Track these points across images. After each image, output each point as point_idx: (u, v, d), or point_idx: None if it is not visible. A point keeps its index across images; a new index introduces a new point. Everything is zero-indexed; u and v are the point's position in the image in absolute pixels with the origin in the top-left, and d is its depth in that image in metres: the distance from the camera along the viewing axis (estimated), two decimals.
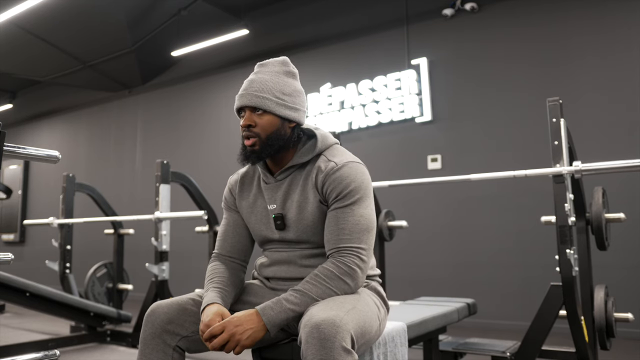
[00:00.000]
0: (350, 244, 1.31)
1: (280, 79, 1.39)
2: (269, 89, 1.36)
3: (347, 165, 1.36)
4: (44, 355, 1.24)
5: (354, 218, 1.32)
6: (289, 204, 1.41)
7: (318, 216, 1.38)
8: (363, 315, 1.27)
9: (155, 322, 1.34)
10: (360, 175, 1.37)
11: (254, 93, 1.36)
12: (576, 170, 2.29)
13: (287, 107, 1.38)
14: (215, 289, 1.39)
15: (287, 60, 1.45)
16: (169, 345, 1.34)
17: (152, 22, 6.15)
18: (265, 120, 1.36)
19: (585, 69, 4.23)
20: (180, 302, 1.39)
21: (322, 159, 1.40)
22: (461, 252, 4.61)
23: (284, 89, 1.38)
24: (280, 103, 1.37)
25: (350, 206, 1.33)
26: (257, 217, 1.47)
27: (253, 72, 1.43)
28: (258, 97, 1.35)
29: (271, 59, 1.45)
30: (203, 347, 1.39)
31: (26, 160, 8.08)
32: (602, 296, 2.45)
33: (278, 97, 1.37)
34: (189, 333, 1.36)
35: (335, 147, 1.45)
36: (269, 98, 1.36)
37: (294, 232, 1.41)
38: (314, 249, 1.42)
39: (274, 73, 1.40)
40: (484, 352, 2.51)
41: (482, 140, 4.63)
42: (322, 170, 1.37)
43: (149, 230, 3.66)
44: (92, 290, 4.40)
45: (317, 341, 1.12)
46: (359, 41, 5.47)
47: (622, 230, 3.40)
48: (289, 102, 1.39)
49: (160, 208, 3.54)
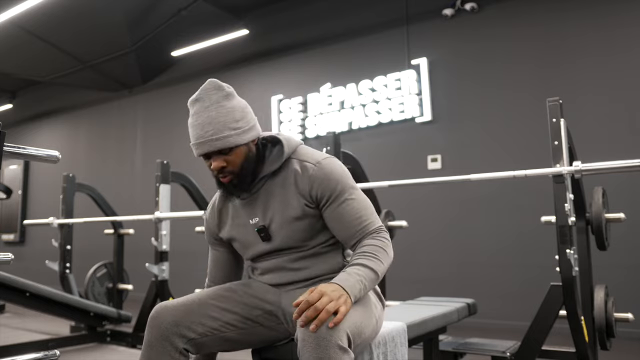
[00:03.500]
0: (372, 227, 1.35)
1: (224, 109, 1.33)
2: (223, 126, 1.31)
3: (324, 162, 1.38)
4: (44, 355, 1.24)
5: (359, 205, 1.36)
6: (271, 214, 1.40)
7: (303, 219, 1.38)
8: (360, 314, 1.26)
9: (162, 325, 1.32)
10: (339, 168, 1.40)
11: (213, 138, 1.30)
12: (576, 170, 2.29)
13: (245, 132, 1.35)
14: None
15: (217, 82, 1.37)
16: (176, 349, 1.32)
17: (152, 22, 6.15)
18: (234, 155, 1.34)
19: (585, 69, 4.23)
20: (186, 303, 1.38)
21: (294, 162, 1.40)
22: (461, 252, 4.61)
23: (234, 116, 1.33)
24: (239, 133, 1.33)
25: (347, 200, 1.36)
26: (242, 236, 1.46)
27: (193, 112, 1.35)
28: (219, 140, 1.30)
29: (202, 91, 1.36)
30: (208, 349, 1.39)
31: (26, 160, 8.09)
32: (602, 296, 2.45)
33: (235, 128, 1.33)
34: (196, 335, 1.34)
35: (301, 148, 1.45)
36: (229, 135, 1.31)
37: (281, 240, 1.40)
38: (302, 251, 1.41)
39: (216, 105, 1.33)
40: (484, 352, 2.51)
41: (482, 140, 4.63)
42: (301, 173, 1.37)
43: (149, 230, 3.66)
44: (92, 290, 4.40)
45: (313, 340, 1.12)
46: (359, 41, 5.47)
47: (622, 230, 3.40)
48: (244, 125, 1.35)
49: (160, 208, 3.54)
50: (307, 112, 5.67)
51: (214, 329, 1.36)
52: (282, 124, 5.85)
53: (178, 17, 5.84)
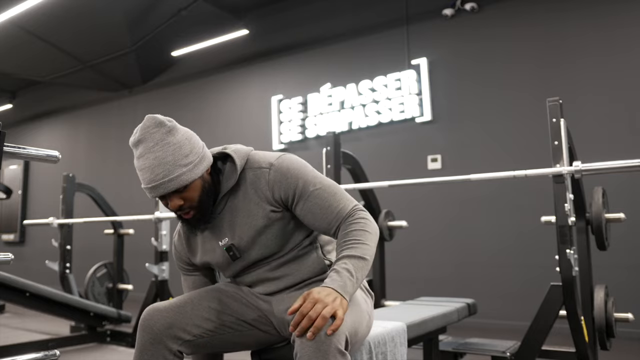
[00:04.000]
0: (346, 211, 1.30)
1: (171, 147, 1.25)
2: (173, 165, 1.24)
3: (277, 162, 1.33)
4: (44, 355, 1.24)
5: (325, 193, 1.31)
6: (239, 231, 1.35)
7: (272, 226, 1.34)
8: (354, 314, 1.26)
9: (154, 327, 1.30)
10: (295, 162, 1.35)
11: (165, 180, 1.24)
12: (576, 170, 2.29)
13: (197, 165, 1.28)
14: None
15: (156, 118, 1.29)
16: (170, 351, 1.30)
17: (152, 22, 6.15)
18: (190, 190, 1.29)
19: (585, 69, 4.23)
20: (179, 304, 1.35)
21: (248, 172, 1.35)
22: (461, 252, 4.61)
23: (182, 152, 1.26)
24: (191, 168, 1.27)
25: (313, 192, 1.31)
26: (215, 260, 1.41)
27: (139, 155, 1.27)
28: (172, 181, 1.24)
29: (143, 130, 1.28)
30: (203, 350, 1.38)
31: (26, 160, 8.08)
32: (602, 296, 2.45)
33: (186, 165, 1.26)
34: (191, 337, 1.32)
35: (252, 155, 1.39)
36: (181, 173, 1.25)
37: (254, 254, 1.37)
38: (279, 258, 1.38)
39: (161, 144, 1.25)
40: (484, 352, 2.51)
41: (482, 140, 4.63)
42: (257, 180, 1.33)
43: (149, 230, 3.66)
44: (92, 290, 4.40)
45: (313, 343, 1.10)
46: (359, 41, 5.47)
47: (622, 230, 3.40)
48: (195, 159, 1.28)
49: (160, 208, 3.54)
50: (307, 112, 5.67)
51: (210, 330, 1.35)
52: (282, 124, 5.85)
53: (178, 17, 5.84)
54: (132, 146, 1.30)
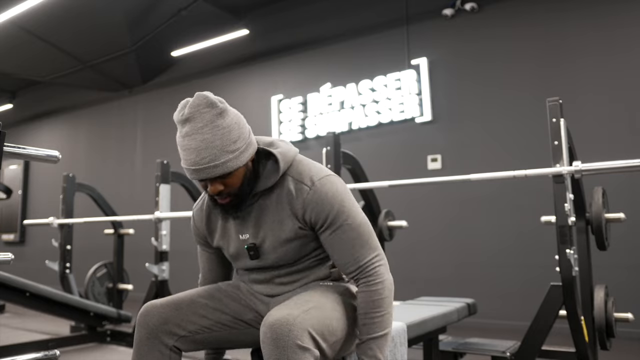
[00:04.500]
0: (364, 260, 1.29)
1: (220, 130, 1.19)
2: (220, 150, 1.19)
3: (319, 183, 1.29)
4: (44, 355, 1.24)
5: (353, 233, 1.29)
6: (262, 233, 1.34)
7: (296, 240, 1.33)
8: (331, 313, 1.25)
9: (150, 322, 1.33)
10: (336, 188, 1.31)
11: (211, 165, 1.19)
12: (576, 170, 2.29)
13: (243, 152, 1.23)
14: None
15: (209, 98, 1.22)
16: (166, 346, 1.32)
17: (152, 22, 6.15)
18: (233, 177, 1.25)
19: (585, 69, 4.23)
20: (176, 301, 1.37)
21: (290, 180, 1.31)
22: (461, 252, 4.61)
23: (231, 137, 1.21)
24: (237, 155, 1.22)
25: (342, 225, 1.28)
26: (231, 248, 1.41)
27: (184, 133, 1.21)
28: (217, 167, 1.19)
29: (192, 108, 1.20)
30: (200, 346, 1.39)
31: (26, 160, 8.08)
32: (602, 296, 2.44)
33: (233, 151, 1.21)
34: (187, 333, 1.34)
35: (298, 162, 1.35)
36: (228, 160, 1.20)
37: (272, 259, 1.37)
38: (292, 267, 1.39)
39: (210, 126, 1.19)
40: (484, 352, 2.51)
41: (482, 140, 4.63)
42: (294, 195, 1.30)
43: (149, 230, 3.66)
44: (92, 290, 4.40)
45: (271, 341, 1.12)
46: (359, 41, 5.47)
47: (622, 230, 3.40)
48: (242, 145, 1.23)
49: (160, 208, 3.54)
50: (307, 112, 5.67)
51: (205, 327, 1.36)
52: (282, 124, 5.85)
53: (178, 17, 5.85)
54: (177, 122, 1.22)
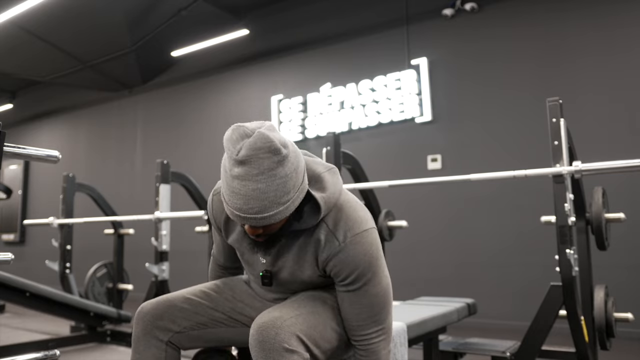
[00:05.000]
0: (366, 331, 1.27)
1: (276, 180, 1.07)
2: (271, 202, 1.07)
3: (351, 241, 1.21)
4: (44, 355, 1.24)
5: (367, 300, 1.25)
6: (281, 264, 1.30)
7: (313, 281, 1.32)
8: (325, 321, 1.25)
9: (145, 319, 1.35)
10: (368, 249, 1.22)
11: (257, 216, 1.08)
12: (576, 170, 2.29)
13: (294, 201, 1.12)
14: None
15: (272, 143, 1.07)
16: (162, 341, 1.34)
17: (152, 22, 6.15)
18: (276, 225, 1.15)
19: (585, 69, 4.23)
20: (170, 298, 1.39)
21: (323, 228, 1.23)
22: (461, 252, 4.61)
23: (286, 188, 1.08)
24: (288, 206, 1.10)
25: (361, 288, 1.24)
26: (246, 255, 1.37)
27: (236, 175, 1.08)
28: (264, 219, 1.09)
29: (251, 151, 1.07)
30: (197, 344, 1.40)
31: (26, 160, 8.07)
32: (602, 296, 2.45)
33: (284, 202, 1.09)
34: (181, 329, 1.36)
35: (338, 208, 1.24)
36: (276, 212, 1.09)
37: (284, 290, 1.37)
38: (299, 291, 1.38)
39: (267, 174, 1.06)
40: (484, 352, 2.51)
41: (482, 140, 4.63)
42: (322, 246, 1.23)
43: (149, 230, 3.66)
44: (92, 290, 4.40)
45: (257, 343, 1.13)
46: (359, 41, 5.47)
47: (622, 230, 3.40)
48: (294, 195, 1.11)
49: (160, 208, 3.54)
50: (307, 112, 5.67)
51: (200, 323, 1.37)
52: (282, 124, 5.85)
53: (178, 17, 5.85)
54: (230, 160, 1.10)
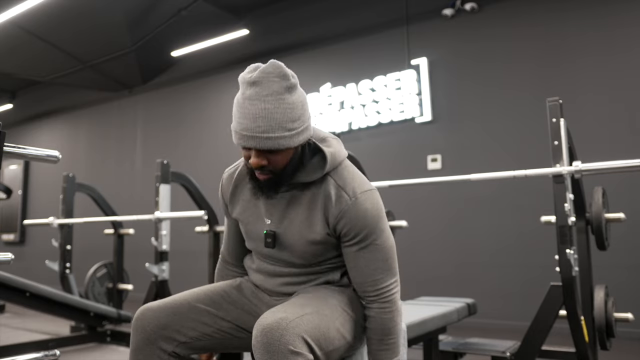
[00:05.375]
0: (384, 284, 1.29)
1: (284, 104, 1.14)
2: (278, 124, 1.14)
3: (361, 197, 1.26)
4: (44, 355, 1.24)
5: (379, 254, 1.28)
6: (287, 224, 1.29)
7: (320, 244, 1.30)
8: (328, 320, 1.22)
9: (148, 327, 1.28)
10: (376, 206, 1.28)
11: (263, 136, 1.13)
12: (576, 170, 2.29)
13: (299, 133, 1.18)
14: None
15: (282, 69, 1.18)
16: (165, 352, 1.28)
17: (152, 22, 6.15)
18: (280, 156, 1.19)
19: (585, 69, 4.23)
20: (174, 305, 1.32)
21: (331, 183, 1.27)
22: (461, 252, 4.61)
23: (292, 115, 1.15)
24: (292, 135, 1.16)
25: (371, 244, 1.27)
26: (249, 226, 1.37)
27: (247, 96, 1.15)
28: (270, 140, 1.14)
29: (262, 74, 1.16)
30: (198, 352, 1.36)
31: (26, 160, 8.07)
32: (602, 296, 2.45)
33: (290, 129, 1.15)
34: (187, 339, 1.30)
35: (344, 168, 1.31)
36: (282, 136, 1.15)
37: (287, 255, 1.33)
38: (302, 268, 1.35)
39: (276, 97, 1.14)
40: (484, 352, 2.51)
41: (482, 140, 4.63)
42: (333, 201, 1.25)
43: (149, 230, 3.66)
44: (92, 290, 4.40)
45: (262, 345, 1.10)
46: (359, 41, 5.47)
47: (622, 230, 3.40)
48: (300, 126, 1.17)
49: (160, 208, 3.53)
50: None
51: (206, 334, 1.32)
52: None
53: (178, 17, 5.85)
54: (243, 82, 1.17)
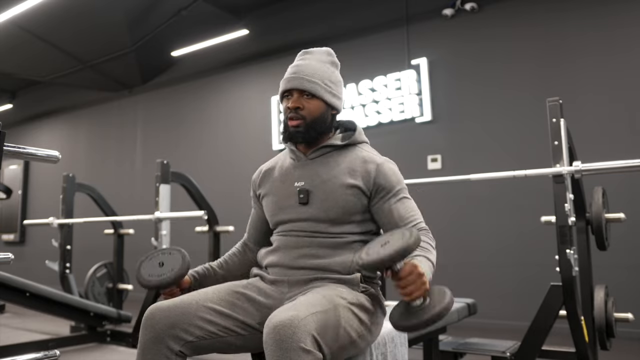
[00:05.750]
0: (421, 226, 1.46)
1: (327, 68, 1.47)
2: (318, 76, 1.43)
3: (388, 162, 1.48)
4: (44, 355, 1.24)
5: (412, 205, 1.47)
6: (318, 181, 1.43)
7: (350, 193, 1.40)
8: (335, 319, 1.24)
9: (157, 326, 1.29)
10: (398, 170, 1.51)
11: (305, 77, 1.42)
12: (576, 170, 2.29)
13: (333, 95, 1.46)
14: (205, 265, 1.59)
15: (331, 51, 1.53)
16: (172, 351, 1.29)
17: (152, 22, 6.15)
18: (313, 104, 1.43)
19: (585, 69, 4.23)
20: (183, 305, 1.33)
21: (362, 150, 1.48)
22: (461, 252, 4.61)
23: (331, 77, 1.46)
24: (328, 90, 1.44)
25: (403, 198, 1.45)
26: (280, 194, 1.48)
27: (299, 58, 1.49)
28: (309, 82, 1.42)
29: (315, 48, 1.52)
30: (205, 351, 1.36)
31: (26, 160, 8.07)
32: (602, 296, 2.45)
33: (326, 84, 1.44)
34: (194, 338, 1.31)
35: (367, 145, 1.54)
36: (318, 84, 1.43)
37: (319, 208, 1.41)
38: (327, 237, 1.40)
39: (321, 61, 1.47)
40: (484, 352, 2.51)
41: (482, 140, 4.63)
42: (367, 160, 1.44)
43: (149, 230, 3.65)
44: (92, 290, 4.40)
45: (274, 342, 1.11)
46: (359, 41, 5.47)
47: (622, 230, 3.40)
48: (335, 90, 1.46)
49: (160, 208, 3.53)
50: None
51: (213, 332, 1.33)
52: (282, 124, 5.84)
53: (178, 17, 5.84)
54: (299, 53, 1.51)
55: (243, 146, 6.27)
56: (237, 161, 6.23)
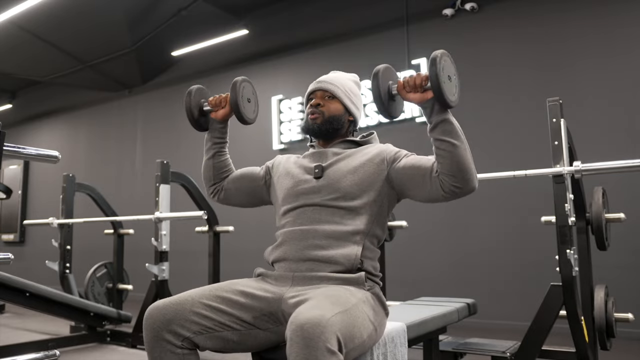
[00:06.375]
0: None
1: (350, 82, 1.72)
2: (340, 83, 1.68)
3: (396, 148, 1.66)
4: (44, 355, 1.24)
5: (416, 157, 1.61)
6: (333, 159, 1.58)
7: (367, 168, 1.53)
8: (353, 319, 1.25)
9: (155, 324, 1.32)
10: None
11: (328, 81, 1.68)
12: (576, 170, 2.29)
13: (351, 101, 1.67)
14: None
15: (357, 76, 1.79)
16: (175, 345, 1.32)
17: (152, 22, 6.15)
18: (332, 104, 1.64)
19: (586, 70, 4.23)
20: (179, 301, 1.36)
21: (381, 145, 1.64)
22: (461, 252, 4.61)
23: (352, 89, 1.70)
24: (347, 95, 1.67)
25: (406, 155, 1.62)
26: (295, 173, 1.61)
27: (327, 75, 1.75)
28: (331, 85, 1.66)
29: (341, 71, 1.79)
30: (206, 348, 1.37)
31: (26, 160, 8.08)
32: (602, 296, 2.45)
33: (346, 92, 1.67)
34: (191, 334, 1.33)
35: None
36: (339, 88, 1.67)
37: (330, 179, 1.52)
38: (335, 225, 1.45)
39: (346, 77, 1.73)
40: (484, 352, 2.51)
41: (482, 140, 4.63)
42: (386, 150, 1.59)
43: (149, 230, 3.66)
44: (92, 290, 4.40)
45: (301, 340, 1.11)
46: (359, 41, 5.47)
47: (622, 230, 3.40)
48: (354, 99, 1.69)
49: (160, 208, 3.54)
50: None
51: (208, 327, 1.35)
52: (282, 124, 5.85)
53: (178, 17, 5.85)
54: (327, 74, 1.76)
55: (243, 146, 6.27)
56: (237, 161, 6.18)
